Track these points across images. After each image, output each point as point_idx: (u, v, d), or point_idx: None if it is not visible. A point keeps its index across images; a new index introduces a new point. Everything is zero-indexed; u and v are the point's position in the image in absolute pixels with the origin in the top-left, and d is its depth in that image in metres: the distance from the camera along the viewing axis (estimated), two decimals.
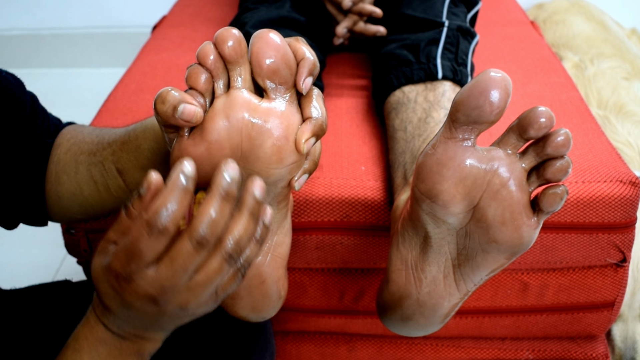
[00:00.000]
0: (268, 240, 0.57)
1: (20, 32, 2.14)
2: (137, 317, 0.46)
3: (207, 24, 1.27)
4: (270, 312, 0.63)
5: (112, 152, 0.61)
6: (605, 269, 0.85)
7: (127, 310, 0.45)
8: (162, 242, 0.41)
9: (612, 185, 0.78)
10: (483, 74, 0.46)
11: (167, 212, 0.40)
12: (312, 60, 0.49)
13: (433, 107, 0.78)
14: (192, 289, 0.43)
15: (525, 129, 0.48)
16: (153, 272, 0.42)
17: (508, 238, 0.51)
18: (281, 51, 0.47)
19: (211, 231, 0.42)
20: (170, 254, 0.42)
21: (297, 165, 0.51)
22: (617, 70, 1.44)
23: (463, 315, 0.90)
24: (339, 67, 1.08)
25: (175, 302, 0.44)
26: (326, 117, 0.51)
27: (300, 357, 0.97)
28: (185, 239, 0.42)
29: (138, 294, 0.43)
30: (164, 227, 0.41)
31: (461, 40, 0.88)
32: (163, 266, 0.42)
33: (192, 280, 0.43)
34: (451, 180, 0.50)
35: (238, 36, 0.47)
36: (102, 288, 0.45)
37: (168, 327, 0.49)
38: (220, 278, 0.44)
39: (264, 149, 0.49)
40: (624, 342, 1.01)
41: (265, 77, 0.48)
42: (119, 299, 0.45)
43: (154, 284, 0.43)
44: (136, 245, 0.41)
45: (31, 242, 1.33)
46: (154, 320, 0.46)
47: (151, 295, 0.43)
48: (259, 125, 0.48)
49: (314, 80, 0.50)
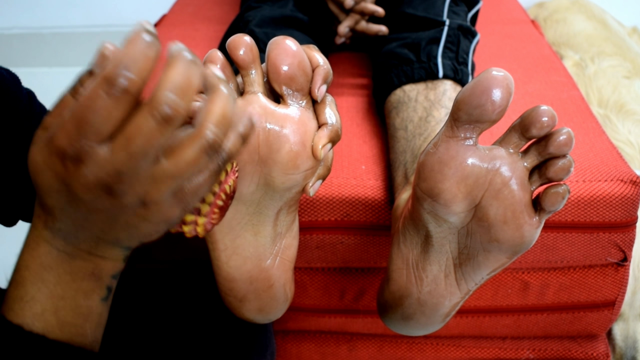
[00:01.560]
0: (265, 232, 0.56)
1: (21, 31, 2.14)
2: (87, 219, 0.37)
3: (207, 22, 1.27)
4: (277, 314, 0.63)
5: None
6: (606, 268, 0.85)
7: (74, 210, 0.37)
8: (120, 108, 0.33)
9: (612, 185, 0.78)
10: (485, 72, 0.46)
11: (130, 65, 0.32)
12: (327, 69, 0.49)
13: (434, 106, 0.78)
14: (156, 179, 0.35)
15: (527, 128, 0.48)
16: (107, 151, 0.34)
17: (509, 237, 0.51)
18: (298, 58, 0.47)
19: (178, 102, 0.33)
20: (126, 131, 0.33)
21: (312, 171, 0.51)
22: (617, 69, 1.44)
23: (464, 315, 0.90)
24: (339, 66, 1.08)
25: (134, 193, 0.35)
26: (340, 123, 0.51)
27: (301, 356, 0.97)
28: (145, 111, 0.33)
29: (88, 180, 0.34)
30: (125, 85, 0.32)
31: (462, 39, 0.88)
32: (118, 146, 0.33)
33: (158, 167, 0.35)
34: (453, 179, 0.50)
35: (250, 43, 0.48)
36: (43, 180, 0.36)
37: (125, 237, 0.39)
38: (193, 172, 0.36)
39: (281, 154, 0.49)
40: (624, 341, 1.01)
41: (282, 83, 0.48)
42: (64, 193, 0.36)
43: (108, 167, 0.34)
44: (89, 110, 0.32)
45: None
46: (109, 222, 0.37)
47: (104, 182, 0.34)
48: (276, 130, 0.48)
49: (327, 88, 0.50)
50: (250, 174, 0.50)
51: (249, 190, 0.51)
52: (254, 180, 0.50)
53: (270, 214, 0.54)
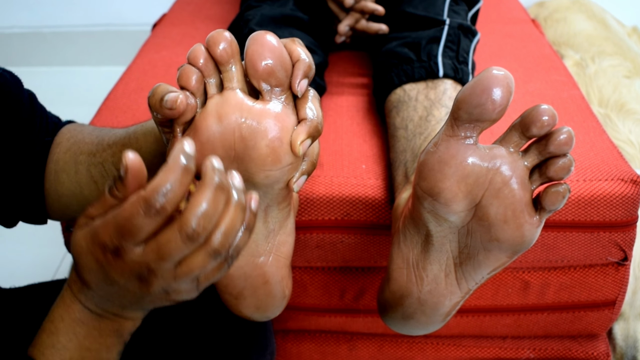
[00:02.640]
0: (256, 229, 0.56)
1: (20, 30, 2.14)
2: (118, 294, 0.44)
3: (207, 21, 1.27)
4: (274, 311, 0.63)
5: (112, 153, 0.61)
6: (607, 268, 0.85)
7: (108, 287, 0.44)
8: (156, 221, 0.40)
9: (613, 184, 0.78)
10: (485, 71, 0.46)
11: (166, 192, 0.39)
12: (308, 62, 0.49)
13: (434, 105, 0.78)
14: (177, 275, 0.42)
15: (527, 127, 0.48)
16: (140, 251, 0.41)
17: (510, 236, 0.51)
18: (276, 53, 0.47)
19: (203, 225, 0.40)
20: (158, 240, 0.40)
21: (294, 167, 0.51)
22: (618, 68, 1.44)
23: (464, 314, 0.90)
24: (340, 65, 1.08)
25: (159, 284, 0.43)
26: (322, 118, 0.50)
27: (301, 356, 0.97)
28: (175, 229, 0.40)
29: (124, 270, 0.42)
30: (161, 206, 0.39)
31: (462, 39, 0.88)
32: (149, 249, 0.41)
33: (177, 269, 0.42)
34: (453, 178, 0.50)
35: (229, 38, 0.47)
36: (84, 261, 0.43)
37: (148, 307, 0.47)
38: (203, 270, 0.43)
39: (257, 150, 0.49)
40: (625, 340, 1.01)
41: (260, 79, 0.47)
42: (102, 274, 0.43)
43: (141, 262, 0.41)
44: (130, 221, 0.40)
45: (31, 241, 1.33)
46: (136, 299, 0.45)
47: (138, 273, 0.42)
48: (252, 126, 0.48)
49: (309, 82, 0.49)
50: (227, 168, 0.50)
51: None
52: None
53: (258, 211, 0.53)
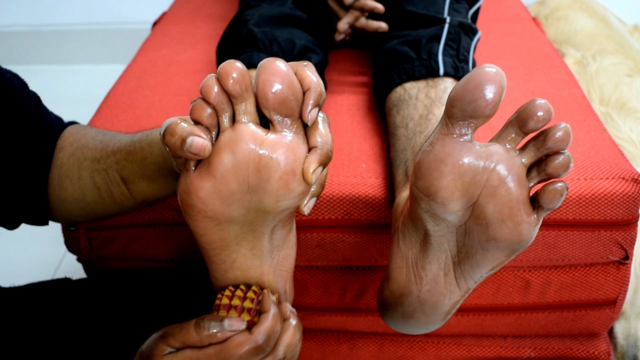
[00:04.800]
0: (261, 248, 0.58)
1: (20, 28, 2.14)
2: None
3: (207, 20, 1.27)
4: None
5: (116, 160, 0.61)
6: (608, 267, 0.85)
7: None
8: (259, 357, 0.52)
9: (614, 183, 0.78)
10: (477, 68, 0.46)
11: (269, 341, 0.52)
12: (319, 91, 0.48)
13: (434, 103, 0.78)
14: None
15: (524, 122, 0.47)
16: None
17: (507, 235, 0.51)
18: (287, 82, 0.46)
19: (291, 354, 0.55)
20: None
21: (305, 194, 0.51)
22: (619, 66, 1.44)
23: (464, 313, 0.90)
24: (340, 63, 1.07)
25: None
26: (331, 143, 0.50)
27: (301, 355, 0.96)
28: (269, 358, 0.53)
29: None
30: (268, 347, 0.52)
31: (463, 37, 0.87)
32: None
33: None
34: (449, 177, 0.50)
35: (241, 69, 0.46)
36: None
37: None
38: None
39: (271, 183, 0.48)
40: (626, 339, 1.01)
41: (271, 109, 0.47)
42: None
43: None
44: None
45: (31, 240, 1.33)
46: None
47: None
48: (265, 159, 0.48)
49: (320, 110, 0.49)
50: (240, 200, 0.50)
51: (240, 213, 0.51)
52: (245, 205, 0.50)
53: (265, 231, 0.54)
